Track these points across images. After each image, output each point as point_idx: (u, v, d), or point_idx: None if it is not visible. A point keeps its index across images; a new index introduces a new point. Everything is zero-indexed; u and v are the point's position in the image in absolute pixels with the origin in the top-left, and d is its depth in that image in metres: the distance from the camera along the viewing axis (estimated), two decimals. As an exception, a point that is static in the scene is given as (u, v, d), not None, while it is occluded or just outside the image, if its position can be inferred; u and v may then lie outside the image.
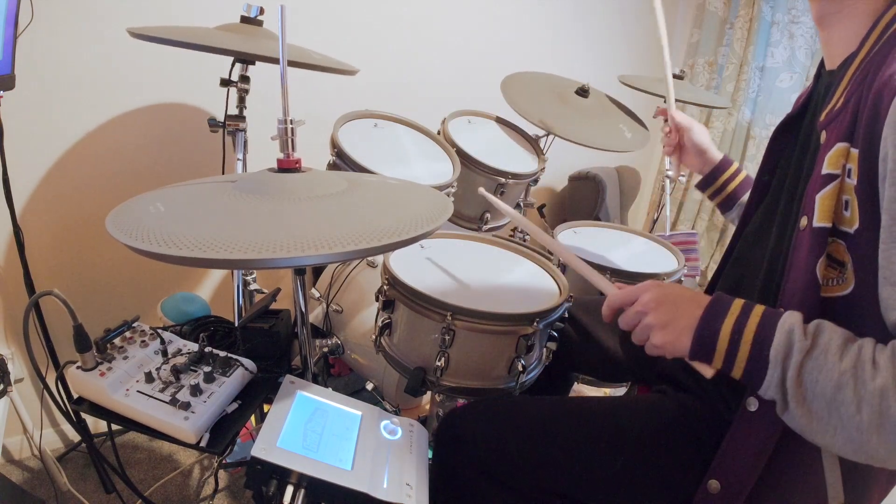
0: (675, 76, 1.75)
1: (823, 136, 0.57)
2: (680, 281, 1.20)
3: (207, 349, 0.77)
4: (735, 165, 1.00)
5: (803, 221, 0.57)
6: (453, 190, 1.18)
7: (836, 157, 0.53)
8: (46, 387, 1.20)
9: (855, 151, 0.51)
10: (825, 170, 0.54)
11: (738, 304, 0.57)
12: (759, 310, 0.56)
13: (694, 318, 0.58)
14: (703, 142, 1.02)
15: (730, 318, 0.56)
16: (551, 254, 1.18)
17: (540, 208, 1.75)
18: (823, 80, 0.66)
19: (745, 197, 0.97)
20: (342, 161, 1.09)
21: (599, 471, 0.72)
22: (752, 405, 0.61)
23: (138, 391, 0.68)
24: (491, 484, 0.74)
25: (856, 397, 0.47)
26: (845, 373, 0.48)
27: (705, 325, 0.57)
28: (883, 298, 0.49)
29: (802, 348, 0.50)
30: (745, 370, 0.54)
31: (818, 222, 0.54)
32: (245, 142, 1.16)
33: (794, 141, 0.70)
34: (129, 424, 0.67)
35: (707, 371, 0.59)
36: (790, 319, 0.53)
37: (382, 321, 0.91)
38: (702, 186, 1.03)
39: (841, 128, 0.54)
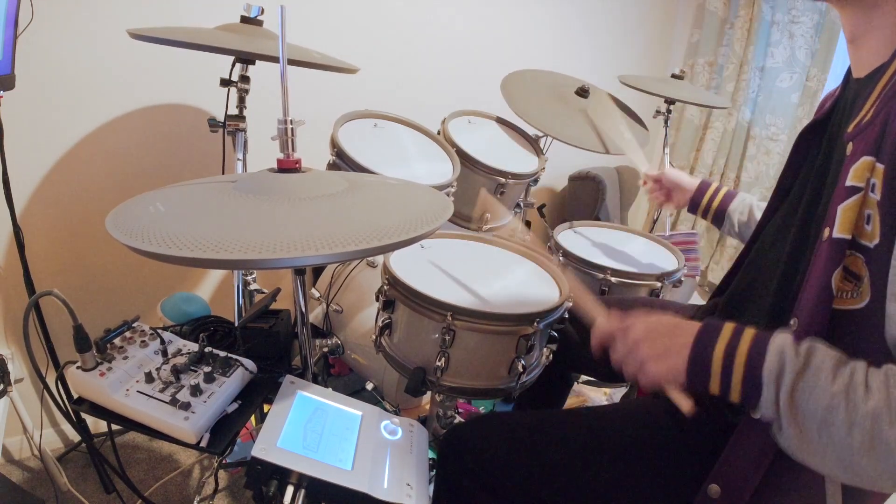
0: (675, 76, 1.75)
1: (850, 147, 0.56)
2: (680, 281, 1.20)
3: (207, 349, 0.77)
4: (714, 185, 1.10)
5: (826, 233, 0.56)
6: (453, 190, 1.18)
7: (860, 171, 0.52)
8: (46, 387, 1.20)
9: (881, 167, 0.50)
10: (849, 182, 0.53)
11: (728, 327, 0.58)
12: (749, 332, 0.56)
13: (685, 346, 0.59)
14: (677, 178, 1.15)
15: (721, 342, 0.57)
16: (552, 253, 1.18)
17: (540, 208, 1.75)
18: (851, 88, 0.65)
19: (732, 207, 1.05)
20: (342, 161, 1.09)
21: (598, 480, 0.72)
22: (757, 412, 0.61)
23: (138, 391, 0.68)
24: (494, 498, 0.75)
25: (847, 419, 0.47)
26: (837, 395, 0.48)
27: (698, 350, 0.58)
28: (889, 314, 0.49)
29: (794, 368, 0.51)
30: (742, 392, 0.55)
31: (837, 233, 0.54)
32: (245, 142, 1.16)
33: (817, 146, 0.69)
34: (129, 424, 0.67)
35: (685, 405, 0.60)
36: (780, 339, 0.53)
37: (382, 321, 0.91)
38: (692, 210, 1.13)
39: (868, 141, 0.53)
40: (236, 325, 0.94)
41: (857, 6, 0.59)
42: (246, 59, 1.09)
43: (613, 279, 1.13)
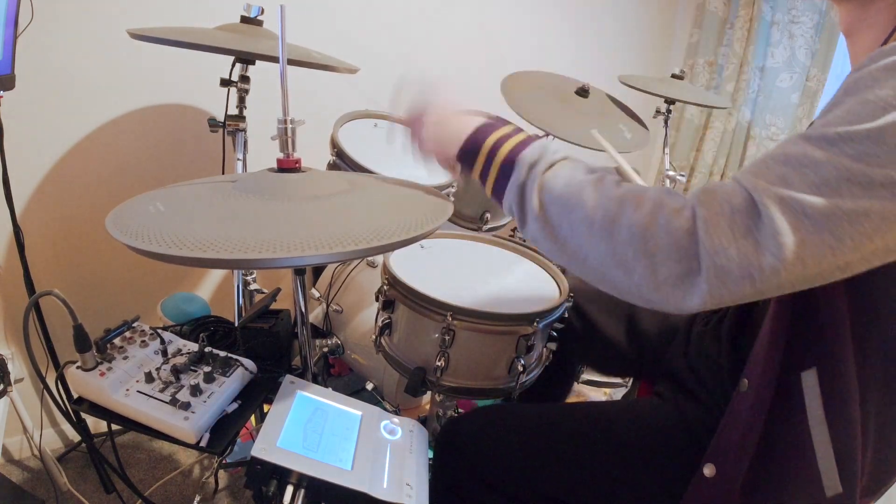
0: (675, 76, 1.76)
1: None
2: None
3: (207, 349, 0.77)
4: None
5: None
6: (453, 190, 1.18)
7: None
8: (46, 387, 1.20)
9: None
10: None
11: (510, 125, 0.64)
12: (528, 133, 0.63)
13: (467, 128, 0.65)
14: None
15: (498, 132, 0.62)
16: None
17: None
18: None
19: None
20: (342, 161, 1.09)
21: (596, 475, 0.73)
22: (744, 386, 0.62)
23: (138, 391, 0.68)
24: (491, 492, 0.75)
25: (593, 198, 0.49)
26: (589, 181, 0.51)
27: (476, 135, 0.63)
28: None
29: (553, 159, 0.55)
30: (497, 177, 0.59)
31: None
32: (245, 142, 1.16)
33: None
34: (129, 424, 0.67)
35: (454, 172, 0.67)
36: (552, 142, 0.59)
37: (382, 321, 0.91)
38: None
39: None
40: (236, 325, 0.94)
41: (851, 3, 0.60)
42: (246, 59, 1.09)
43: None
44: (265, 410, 0.70)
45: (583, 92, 1.51)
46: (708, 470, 0.65)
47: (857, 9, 0.60)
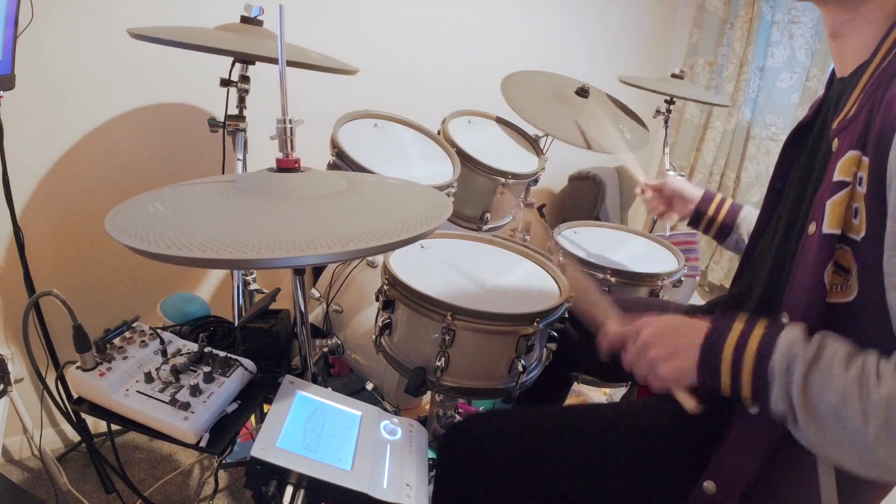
0: (675, 76, 1.75)
1: (836, 143, 0.56)
2: (680, 281, 1.20)
3: (207, 349, 0.77)
4: (718, 196, 1.03)
5: (812, 227, 0.56)
6: (453, 190, 1.18)
7: (847, 165, 0.53)
8: (46, 387, 1.20)
9: (866, 160, 0.51)
10: (836, 177, 0.53)
11: (737, 327, 0.58)
12: (759, 328, 0.56)
13: (694, 346, 0.59)
14: (679, 186, 1.07)
15: (730, 341, 0.57)
16: (551, 253, 1.18)
17: (540, 208, 1.75)
18: (835, 88, 0.65)
19: (741, 218, 0.99)
20: (342, 161, 1.09)
21: (600, 477, 0.73)
22: (754, 408, 0.61)
23: (138, 391, 0.68)
24: (494, 495, 0.75)
25: (861, 408, 0.46)
26: (850, 384, 0.48)
27: (707, 350, 0.58)
28: (891, 305, 0.49)
29: (805, 361, 0.51)
30: (753, 389, 0.55)
31: (828, 228, 0.54)
32: (245, 142, 1.16)
33: (804, 146, 0.70)
34: (129, 424, 0.67)
35: (690, 404, 0.62)
36: (790, 334, 0.53)
37: (382, 321, 0.91)
38: (693, 222, 1.06)
39: (853, 135, 0.53)
40: (236, 325, 0.94)
41: (840, 4, 0.59)
42: (245, 59, 1.09)
43: (613, 279, 1.13)
44: (265, 410, 0.70)
45: (583, 92, 1.51)
46: (708, 486, 0.65)
47: (846, 10, 0.59)
